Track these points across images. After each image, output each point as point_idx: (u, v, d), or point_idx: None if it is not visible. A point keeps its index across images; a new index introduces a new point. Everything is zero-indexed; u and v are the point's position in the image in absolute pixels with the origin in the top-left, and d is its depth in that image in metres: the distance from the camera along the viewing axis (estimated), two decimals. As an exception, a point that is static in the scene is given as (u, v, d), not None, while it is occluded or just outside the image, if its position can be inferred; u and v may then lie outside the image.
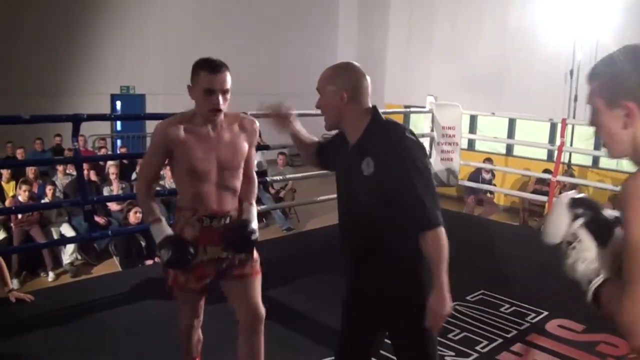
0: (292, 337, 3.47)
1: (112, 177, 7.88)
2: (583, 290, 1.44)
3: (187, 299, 2.63)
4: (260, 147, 9.38)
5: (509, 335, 3.67)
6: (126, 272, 5.18)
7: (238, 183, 2.56)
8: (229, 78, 2.40)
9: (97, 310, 3.75)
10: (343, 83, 2.09)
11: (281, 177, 6.37)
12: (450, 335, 3.59)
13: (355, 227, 2.17)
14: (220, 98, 2.38)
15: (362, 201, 2.10)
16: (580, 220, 1.48)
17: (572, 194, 1.55)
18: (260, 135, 11.66)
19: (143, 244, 6.54)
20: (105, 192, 7.73)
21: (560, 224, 1.51)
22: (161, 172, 8.93)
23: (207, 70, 2.35)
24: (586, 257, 1.45)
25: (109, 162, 8.36)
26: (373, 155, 2.03)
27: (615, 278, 1.37)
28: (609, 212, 1.50)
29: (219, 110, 2.40)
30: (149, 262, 6.21)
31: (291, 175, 6.87)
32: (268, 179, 6.77)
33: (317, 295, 3.92)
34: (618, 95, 1.32)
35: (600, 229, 1.46)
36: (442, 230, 2.00)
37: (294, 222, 9.43)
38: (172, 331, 3.37)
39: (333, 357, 2.45)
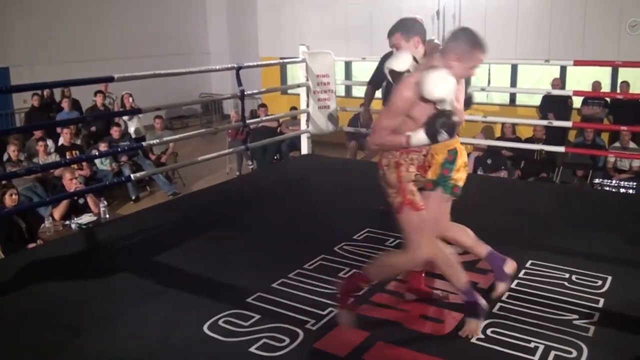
0: (192, 299, 3.46)
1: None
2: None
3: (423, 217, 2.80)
4: (133, 111, 9.06)
5: (395, 266, 3.84)
6: (10, 258, 4.87)
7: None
8: None
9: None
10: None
11: (158, 141, 6.14)
12: (340, 274, 3.71)
13: None
14: None
15: None
16: None
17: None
18: (132, 99, 11.14)
19: (23, 226, 6.17)
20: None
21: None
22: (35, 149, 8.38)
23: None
24: None
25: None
26: None
27: None
28: None
29: None
30: (32, 245, 5.87)
31: (169, 138, 6.63)
32: (144, 143, 6.55)
33: (212, 256, 3.89)
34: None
35: None
36: None
37: (179, 187, 9.28)
38: (67, 312, 3.26)
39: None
